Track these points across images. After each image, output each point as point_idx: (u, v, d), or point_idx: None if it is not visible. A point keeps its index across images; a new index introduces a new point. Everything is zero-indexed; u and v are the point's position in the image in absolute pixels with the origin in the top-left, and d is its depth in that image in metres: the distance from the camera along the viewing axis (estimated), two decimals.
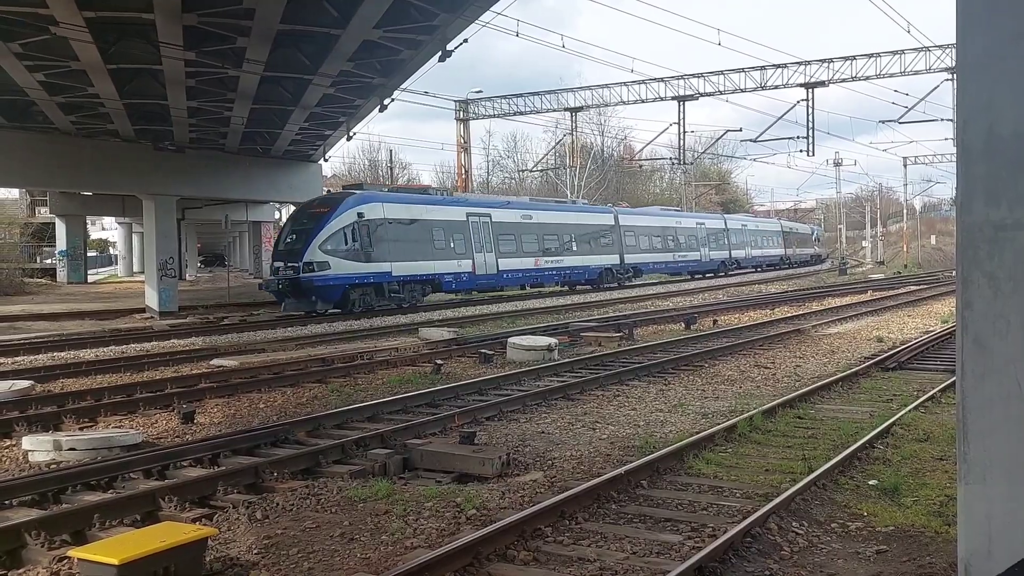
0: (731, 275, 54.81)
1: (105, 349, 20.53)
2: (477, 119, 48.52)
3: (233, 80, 23.65)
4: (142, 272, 48.54)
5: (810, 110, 39.23)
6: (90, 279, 58.26)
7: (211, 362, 17.68)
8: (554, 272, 38.76)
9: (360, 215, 29.08)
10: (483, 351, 17.67)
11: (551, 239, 38.18)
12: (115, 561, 5.51)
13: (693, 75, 40.98)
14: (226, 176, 34.91)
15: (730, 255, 57.30)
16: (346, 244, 28.47)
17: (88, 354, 19.61)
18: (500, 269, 34.66)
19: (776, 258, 66.53)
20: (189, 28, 19.25)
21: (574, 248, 39.81)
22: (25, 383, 14.30)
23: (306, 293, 27.80)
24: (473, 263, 33.17)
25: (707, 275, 52.99)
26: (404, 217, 30.78)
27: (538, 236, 37.24)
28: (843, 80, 38.27)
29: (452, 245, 32.47)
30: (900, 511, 7.44)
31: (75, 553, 5.93)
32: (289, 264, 27.87)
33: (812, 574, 6.11)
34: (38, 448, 9.81)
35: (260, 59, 21.54)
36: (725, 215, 62.69)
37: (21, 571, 6.38)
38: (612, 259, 42.92)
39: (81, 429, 11.47)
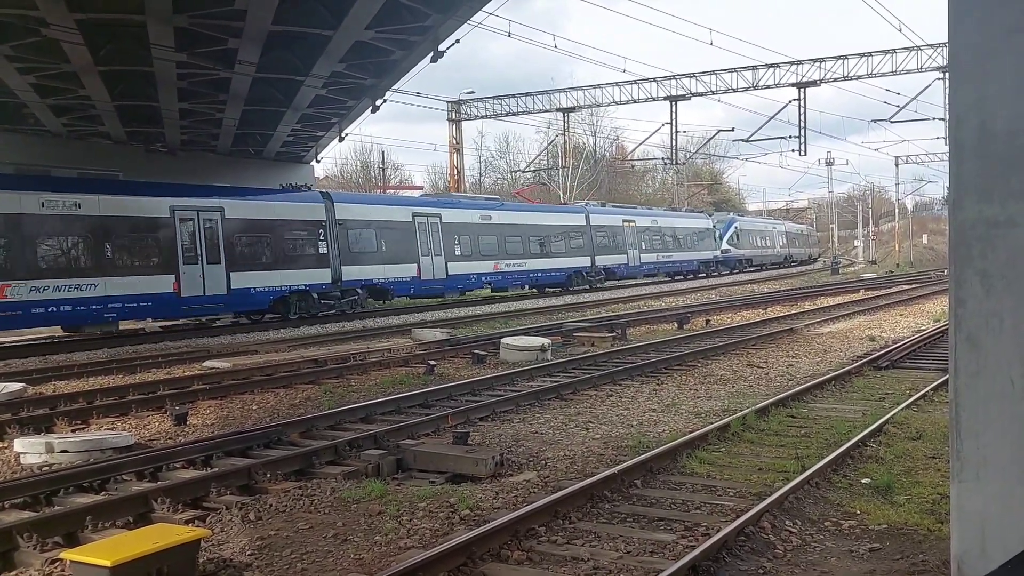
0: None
1: (97, 351, 20.44)
2: (469, 120, 48.56)
3: (225, 82, 23.60)
4: None
5: (802, 110, 39.37)
6: None
7: (203, 364, 17.63)
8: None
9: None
10: (476, 352, 17.66)
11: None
12: (108, 563, 5.48)
13: (685, 75, 41.09)
14: (218, 178, 34.75)
15: (420, 270, 31.46)
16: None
17: (80, 356, 19.53)
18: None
19: (563, 275, 39.18)
20: (180, 30, 19.22)
21: None
22: (17, 385, 14.23)
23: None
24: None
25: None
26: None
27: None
28: (835, 79, 38.43)
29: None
30: (893, 509, 7.45)
31: (68, 555, 5.90)
32: None
33: (806, 572, 6.11)
34: (30, 450, 9.76)
35: (252, 60, 21.51)
36: (439, 198, 36.76)
37: (13, 573, 6.35)
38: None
39: (73, 431, 11.43)
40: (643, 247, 46.07)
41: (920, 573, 5.98)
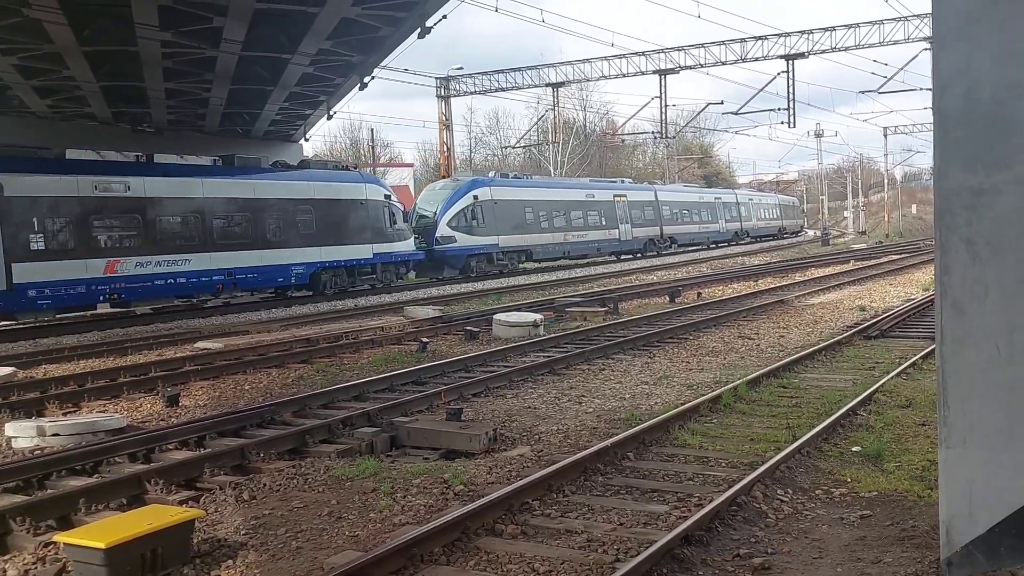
0: None
1: (87, 334, 20.39)
2: (458, 96, 48.12)
3: (211, 60, 23.39)
4: None
5: (790, 82, 39.15)
6: None
7: (195, 345, 17.60)
8: None
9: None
10: (469, 328, 17.67)
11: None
12: (102, 545, 5.49)
13: (674, 48, 40.79)
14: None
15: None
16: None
17: (70, 339, 19.48)
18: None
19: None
20: (164, 8, 19.00)
21: None
22: (7, 369, 14.21)
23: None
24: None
25: None
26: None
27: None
28: (823, 51, 38.17)
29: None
30: (883, 476, 7.52)
31: (61, 538, 5.92)
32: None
33: (797, 540, 6.17)
34: (22, 434, 9.76)
35: (238, 39, 21.31)
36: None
37: (7, 557, 6.36)
38: None
39: (65, 414, 11.42)
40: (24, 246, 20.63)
41: (910, 539, 6.04)
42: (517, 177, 42.48)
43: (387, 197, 31.36)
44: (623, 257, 44.85)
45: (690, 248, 51.18)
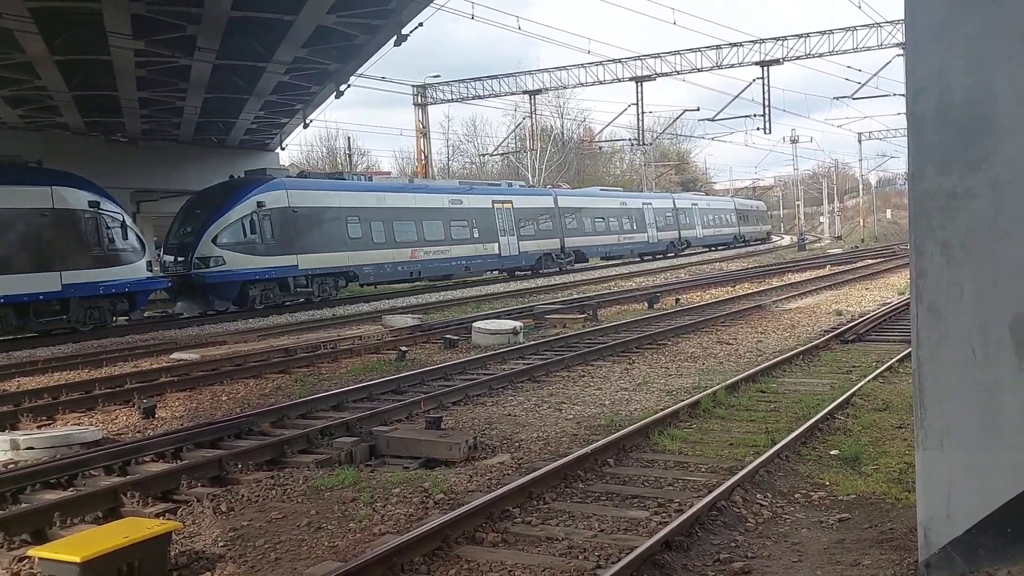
0: None
1: (61, 346, 20.15)
2: (436, 104, 48.20)
3: (185, 69, 23.26)
4: None
5: (766, 88, 39.44)
6: None
7: (171, 356, 17.43)
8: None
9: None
10: (448, 336, 17.63)
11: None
12: (77, 559, 5.41)
13: (650, 55, 41.02)
14: (181, 167, 34.20)
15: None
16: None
17: (44, 352, 19.23)
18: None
19: None
20: (137, 17, 18.89)
21: None
22: None
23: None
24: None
25: None
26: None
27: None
28: (797, 57, 38.52)
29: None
30: (861, 479, 7.56)
31: (36, 552, 5.83)
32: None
33: (777, 544, 6.18)
34: None
35: (212, 47, 21.21)
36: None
37: None
38: None
39: (39, 427, 11.27)
40: None
41: (888, 541, 6.07)
42: (338, 177, 33.54)
43: (95, 204, 22.00)
44: (517, 275, 38.45)
45: (614, 262, 45.82)
